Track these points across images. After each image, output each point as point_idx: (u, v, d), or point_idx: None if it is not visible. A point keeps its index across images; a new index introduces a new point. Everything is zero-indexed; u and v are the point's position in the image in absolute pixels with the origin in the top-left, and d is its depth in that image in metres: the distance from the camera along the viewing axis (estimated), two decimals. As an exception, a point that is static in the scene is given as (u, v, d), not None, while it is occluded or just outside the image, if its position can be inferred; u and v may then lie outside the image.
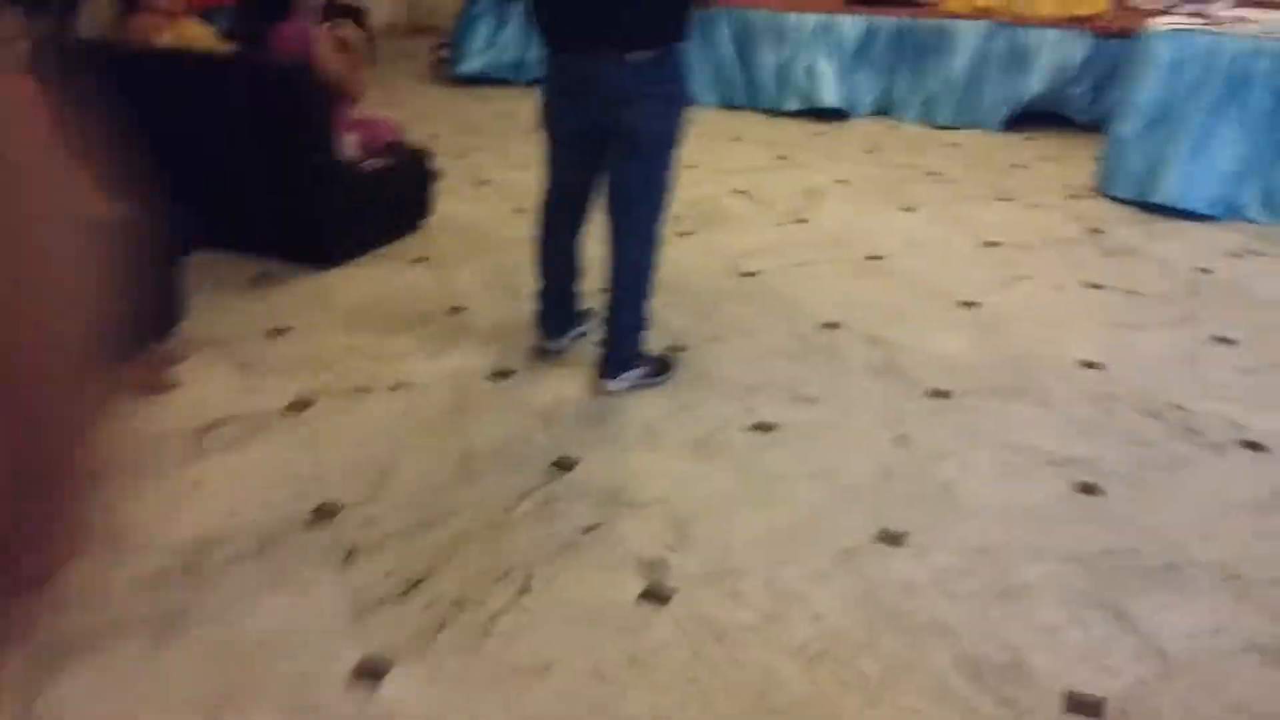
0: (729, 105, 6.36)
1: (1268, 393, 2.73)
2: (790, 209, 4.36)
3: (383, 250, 3.71)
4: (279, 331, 3.06)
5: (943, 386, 2.75)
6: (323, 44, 3.40)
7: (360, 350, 2.94)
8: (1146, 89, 4.39)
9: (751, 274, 3.59)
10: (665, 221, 2.65)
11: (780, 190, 4.63)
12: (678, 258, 3.62)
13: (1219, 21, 4.39)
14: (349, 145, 3.57)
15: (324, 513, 2.18)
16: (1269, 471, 2.37)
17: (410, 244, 3.81)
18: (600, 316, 2.75)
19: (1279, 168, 4.23)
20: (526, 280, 2.97)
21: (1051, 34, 5.72)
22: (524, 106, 4.11)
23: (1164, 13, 5.22)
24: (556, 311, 2.90)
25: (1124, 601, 1.91)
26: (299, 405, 2.63)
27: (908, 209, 4.38)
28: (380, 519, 2.16)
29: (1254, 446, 2.47)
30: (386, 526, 2.13)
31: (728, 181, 4.75)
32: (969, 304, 3.32)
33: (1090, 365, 2.87)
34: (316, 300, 3.29)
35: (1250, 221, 4.21)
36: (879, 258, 3.76)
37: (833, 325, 3.14)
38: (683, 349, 2.96)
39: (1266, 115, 4.21)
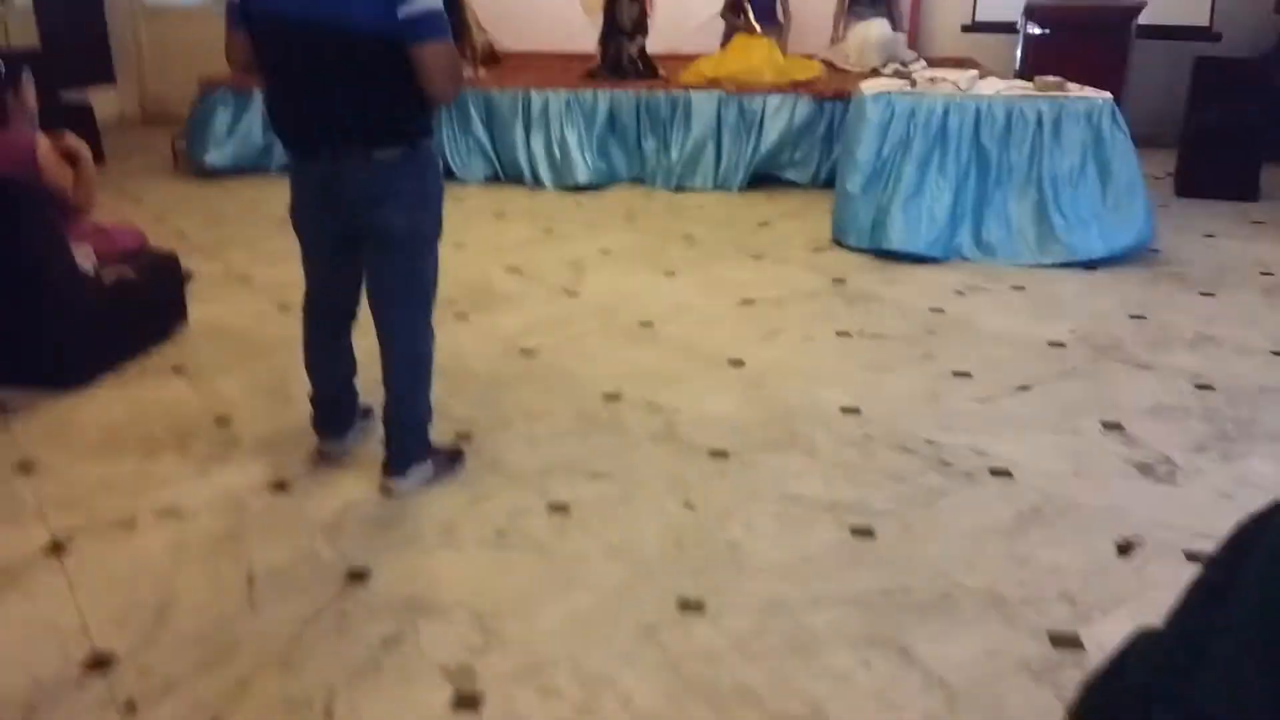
0: (492, 180, 6.45)
1: (1002, 420, 3.06)
2: (560, 282, 4.46)
3: (134, 365, 3.47)
4: (24, 467, 2.80)
5: (721, 446, 2.89)
6: (46, 153, 3.17)
7: (119, 479, 2.73)
8: (864, 148, 4.85)
9: (530, 352, 3.64)
10: (433, 311, 2.65)
11: (549, 264, 4.73)
12: (455, 342, 3.63)
13: (919, 83, 4.92)
14: (85, 257, 3.33)
15: (96, 666, 2.00)
16: (1015, 494, 2.64)
17: (165, 354, 3.59)
18: (381, 413, 2.70)
19: (984, 210, 4.77)
20: (298, 381, 2.88)
21: (774, 100, 6.19)
22: (275, 195, 4.00)
23: (872, 76, 5.81)
24: (333, 412, 2.82)
25: (905, 637, 2.08)
26: (55, 549, 2.41)
27: (669, 273, 4.59)
28: (160, 665, 2.01)
29: (1000, 473, 2.75)
30: (168, 672, 1.99)
31: (497, 259, 4.80)
32: (735, 362, 3.51)
33: (848, 410, 3.12)
34: (65, 428, 3.03)
35: (966, 259, 4.71)
36: (649, 324, 3.92)
37: (613, 397, 3.23)
38: (470, 437, 2.95)
39: (966, 165, 4.75)
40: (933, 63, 7.17)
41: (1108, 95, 4.66)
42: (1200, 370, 3.38)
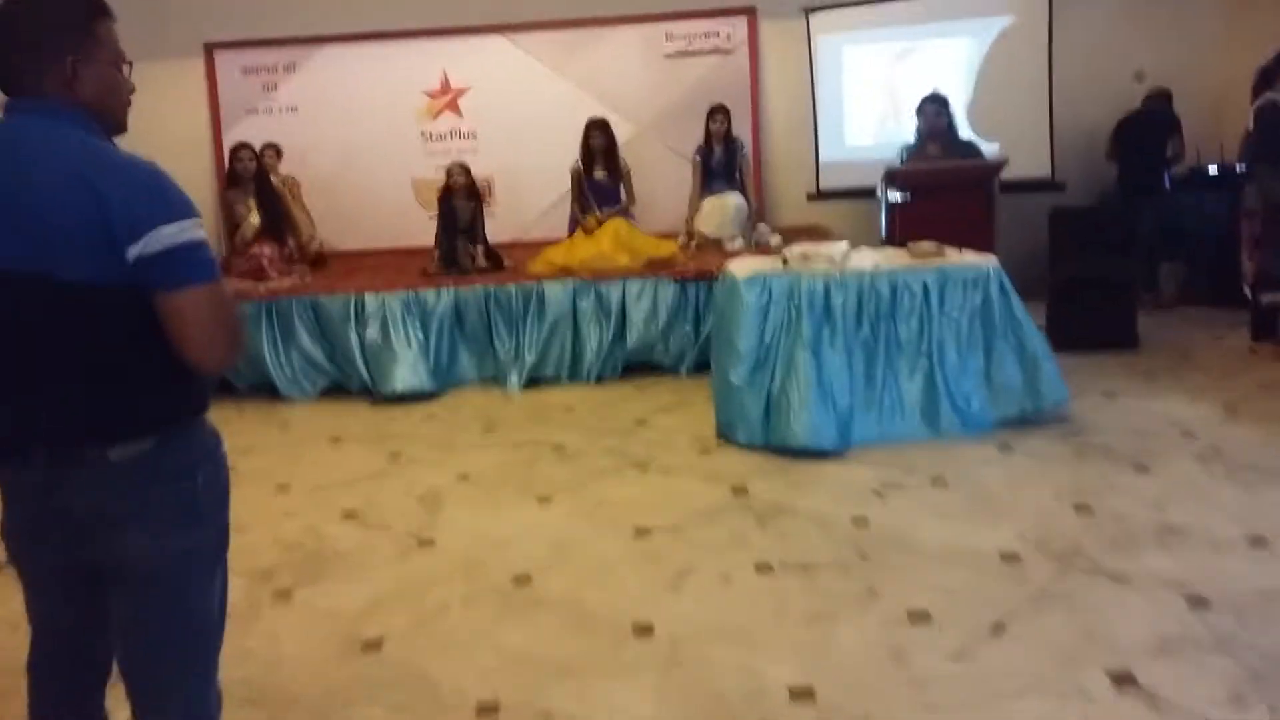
0: (328, 395, 5.67)
1: (992, 687, 2.42)
2: (410, 528, 3.67)
3: None
4: None
5: (645, 777, 2.14)
6: None
7: None
8: (744, 335, 4.36)
9: (374, 645, 2.81)
10: (216, 666, 1.82)
11: (395, 502, 3.95)
12: (273, 641, 2.80)
13: (790, 260, 4.51)
14: None
15: None
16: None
17: None
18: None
19: (879, 391, 4.33)
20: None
21: (634, 285, 5.73)
22: None
23: (739, 255, 5.43)
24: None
25: None
26: None
27: (543, 499, 3.89)
28: None
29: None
30: None
31: (331, 502, 3.98)
32: (642, 629, 2.79)
33: (799, 694, 2.42)
34: None
35: (868, 446, 4.21)
36: (526, 580, 3.16)
37: (489, 710, 2.44)
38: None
39: (854, 345, 4.32)
40: (782, 232, 6.98)
41: (992, 259, 4.38)
42: (1183, 577, 2.88)
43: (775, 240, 6.74)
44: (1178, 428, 4.22)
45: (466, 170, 6.31)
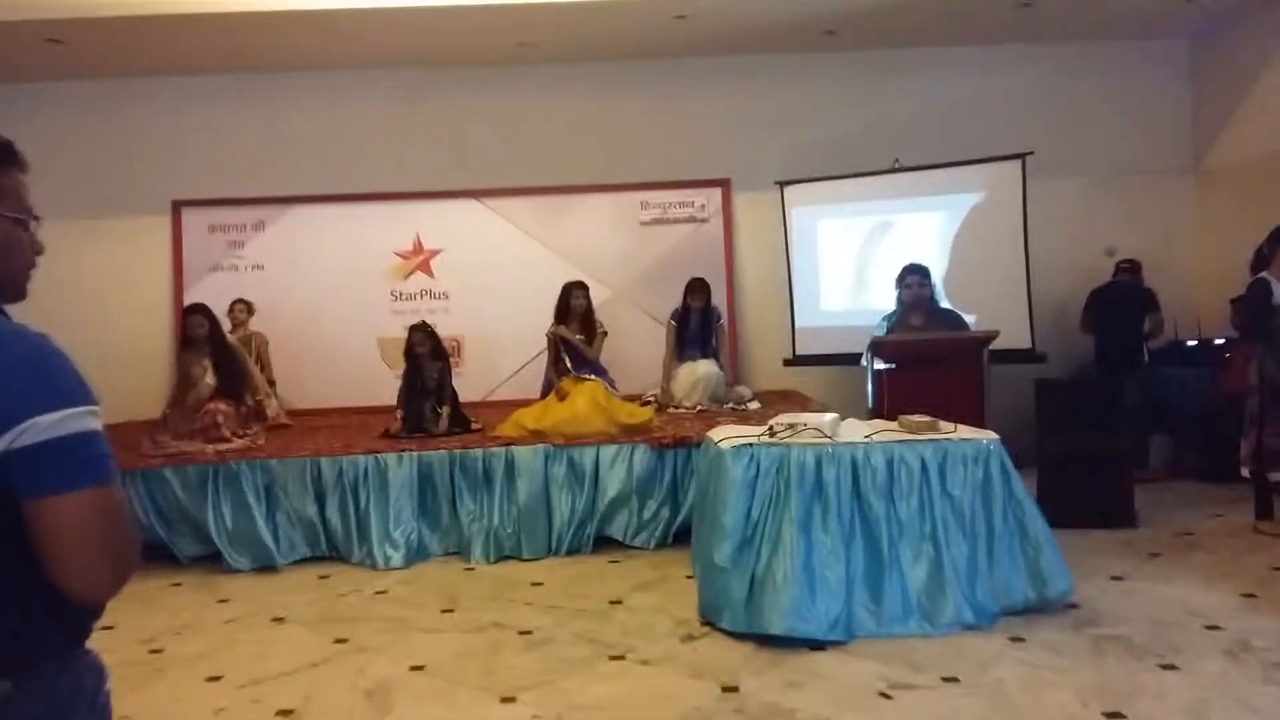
0: (269, 567, 5.22)
1: None
2: (354, 732, 3.22)
3: None
4: None
5: None
6: None
7: None
8: (730, 511, 4.04)
9: None
10: None
11: (339, 699, 3.49)
12: None
13: (777, 430, 4.26)
14: None
15: None
16: None
17: None
18: None
19: (878, 575, 4.00)
20: None
21: (609, 451, 5.45)
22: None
23: (720, 423, 5.18)
24: None
25: None
26: None
27: (508, 698, 3.45)
28: None
29: None
30: None
31: (265, 699, 3.51)
32: None
33: None
34: None
35: (870, 637, 3.85)
36: (487, 801, 2.72)
37: None
38: None
39: (850, 524, 4.02)
40: (759, 397, 6.80)
41: (993, 435, 4.15)
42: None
43: (754, 404, 6.55)
44: (1198, 618, 3.91)
45: (431, 334, 6.09)
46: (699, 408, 6.47)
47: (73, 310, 7.51)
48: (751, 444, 4.16)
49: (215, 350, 5.95)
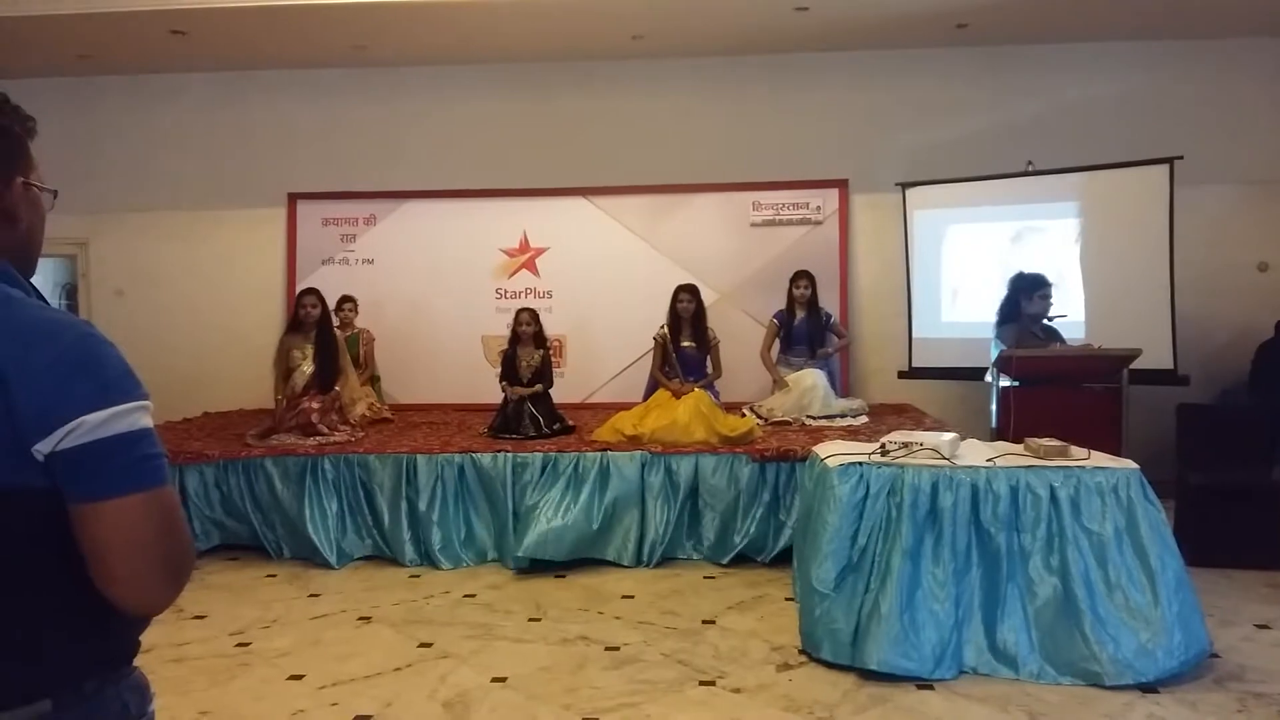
0: (371, 559, 5.20)
1: None
2: (430, 747, 3.08)
3: None
4: None
5: None
6: None
7: None
8: (834, 534, 3.76)
9: None
10: None
11: (417, 709, 3.37)
12: None
13: (890, 449, 3.96)
14: None
15: None
16: None
17: None
18: None
19: (995, 611, 3.66)
20: None
21: (708, 461, 5.21)
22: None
23: (829, 439, 4.90)
24: None
25: None
26: None
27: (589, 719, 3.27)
28: None
29: None
30: None
31: (344, 702, 3.42)
32: None
33: None
34: None
35: (981, 675, 3.54)
36: (559, 836, 2.54)
37: None
38: None
39: (967, 554, 3.70)
40: (871, 410, 6.47)
41: (1133, 465, 3.75)
42: None
43: (862, 418, 6.22)
44: (1366, 682, 3.46)
45: (535, 317, 6.02)
46: (806, 418, 6.18)
47: (192, 298, 7.72)
48: (861, 462, 3.88)
49: (320, 335, 5.97)
